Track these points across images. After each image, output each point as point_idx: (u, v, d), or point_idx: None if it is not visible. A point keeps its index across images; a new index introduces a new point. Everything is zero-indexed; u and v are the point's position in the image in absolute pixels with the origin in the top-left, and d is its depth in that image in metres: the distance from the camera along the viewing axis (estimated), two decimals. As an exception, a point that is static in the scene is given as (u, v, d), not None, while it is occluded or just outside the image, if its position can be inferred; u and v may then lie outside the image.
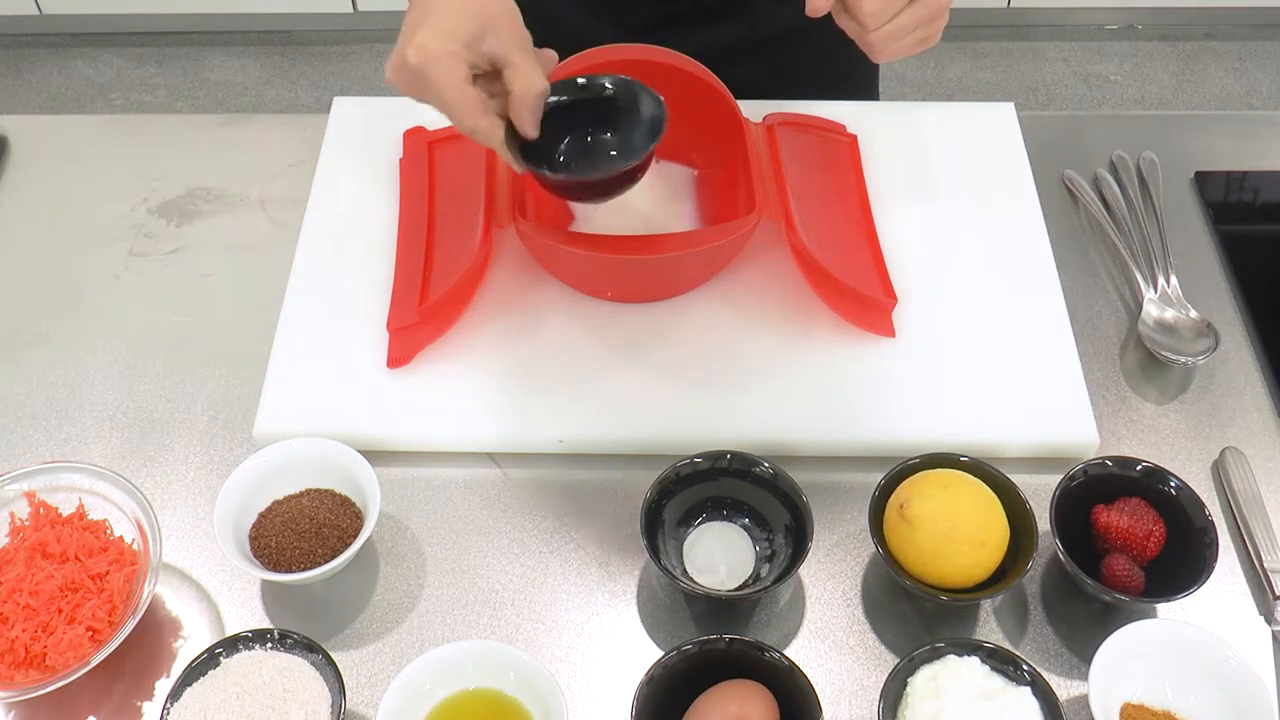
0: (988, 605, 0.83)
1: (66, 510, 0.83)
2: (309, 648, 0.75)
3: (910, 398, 0.91)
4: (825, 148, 1.05)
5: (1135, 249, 1.03)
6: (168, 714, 0.73)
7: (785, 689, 0.74)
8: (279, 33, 2.79)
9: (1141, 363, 0.97)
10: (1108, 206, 1.07)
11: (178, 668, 0.80)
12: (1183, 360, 0.94)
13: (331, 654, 0.75)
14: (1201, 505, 0.82)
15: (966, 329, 0.96)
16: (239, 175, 1.10)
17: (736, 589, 0.82)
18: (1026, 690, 0.74)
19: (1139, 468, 0.84)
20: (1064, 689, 0.79)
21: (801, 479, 0.83)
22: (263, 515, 0.84)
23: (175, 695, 0.74)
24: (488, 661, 0.76)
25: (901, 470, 0.83)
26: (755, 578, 0.83)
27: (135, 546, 0.81)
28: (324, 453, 0.85)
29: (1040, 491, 0.85)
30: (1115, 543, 0.82)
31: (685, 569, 0.83)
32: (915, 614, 0.83)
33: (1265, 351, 0.97)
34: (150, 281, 1.02)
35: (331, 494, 0.85)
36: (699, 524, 0.86)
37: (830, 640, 0.82)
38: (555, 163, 0.86)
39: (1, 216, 1.07)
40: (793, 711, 0.74)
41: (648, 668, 0.74)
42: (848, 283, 0.93)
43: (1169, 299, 0.99)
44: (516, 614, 0.83)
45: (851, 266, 0.96)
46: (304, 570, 0.80)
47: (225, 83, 2.70)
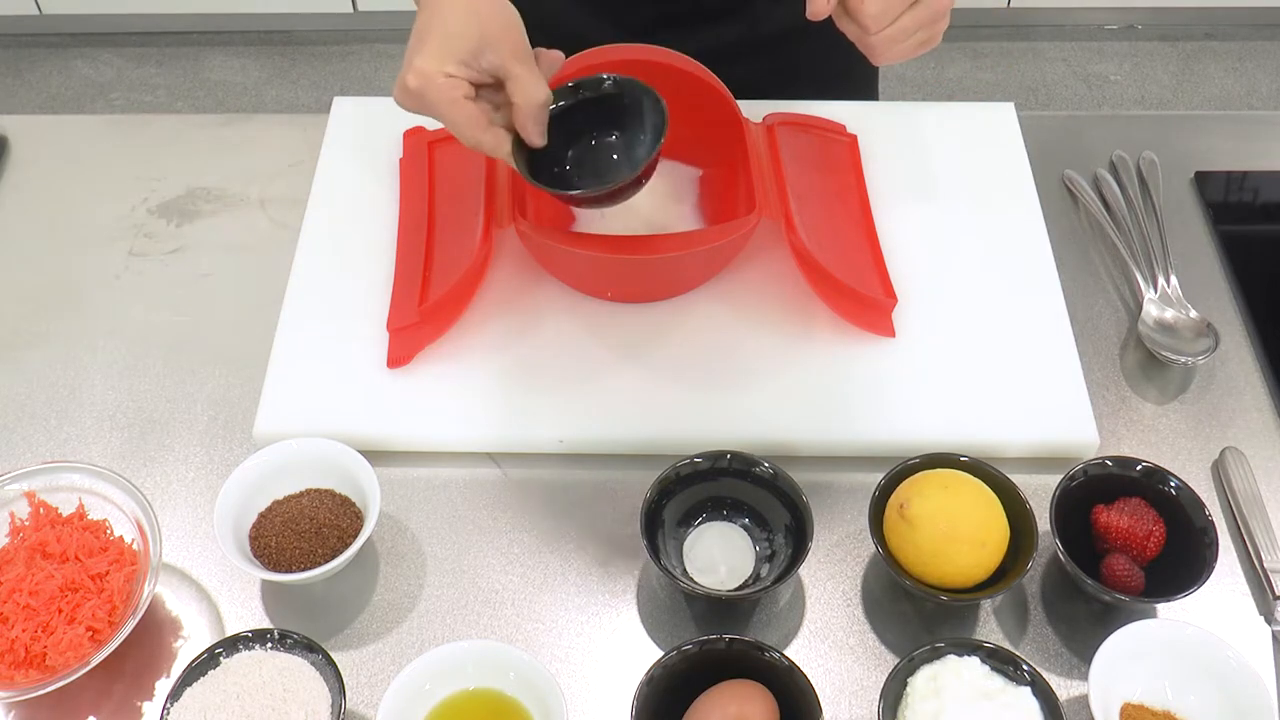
0: (988, 605, 0.83)
1: (66, 510, 0.83)
2: (309, 648, 0.75)
3: (910, 398, 0.91)
4: (825, 148, 1.05)
5: (1135, 249, 1.03)
6: (168, 714, 0.73)
7: (785, 689, 0.74)
8: (279, 33, 2.79)
9: (1141, 363, 0.97)
10: (1108, 206, 1.07)
11: (178, 668, 0.80)
12: (1183, 360, 0.94)
13: (331, 654, 0.75)
14: (1201, 505, 0.82)
15: (966, 329, 0.96)
16: (239, 175, 1.10)
17: (736, 589, 0.82)
18: (1026, 690, 0.74)
19: (1139, 468, 0.84)
20: (1064, 689, 0.79)
21: (801, 479, 0.83)
22: (263, 515, 0.84)
23: (175, 695, 0.74)
24: (488, 661, 0.76)
25: (901, 470, 0.83)
26: (755, 578, 0.83)
27: (135, 546, 0.81)
28: (324, 453, 0.85)
29: (1040, 491, 0.85)
30: (1115, 543, 0.82)
31: (685, 569, 0.83)
32: (915, 614, 0.83)
33: (1265, 351, 0.97)
34: (150, 281, 1.02)
35: (331, 494, 0.85)
36: (699, 524, 0.86)
37: (830, 640, 0.82)
38: (564, 173, 0.86)
39: (1, 216, 1.07)
40: (793, 711, 0.74)
41: (648, 668, 0.74)
42: (848, 283, 0.93)
43: (1169, 299, 0.99)
44: (516, 614, 0.83)
45: (851, 266, 0.96)
46: (304, 570, 0.80)
47: (225, 83, 2.70)
